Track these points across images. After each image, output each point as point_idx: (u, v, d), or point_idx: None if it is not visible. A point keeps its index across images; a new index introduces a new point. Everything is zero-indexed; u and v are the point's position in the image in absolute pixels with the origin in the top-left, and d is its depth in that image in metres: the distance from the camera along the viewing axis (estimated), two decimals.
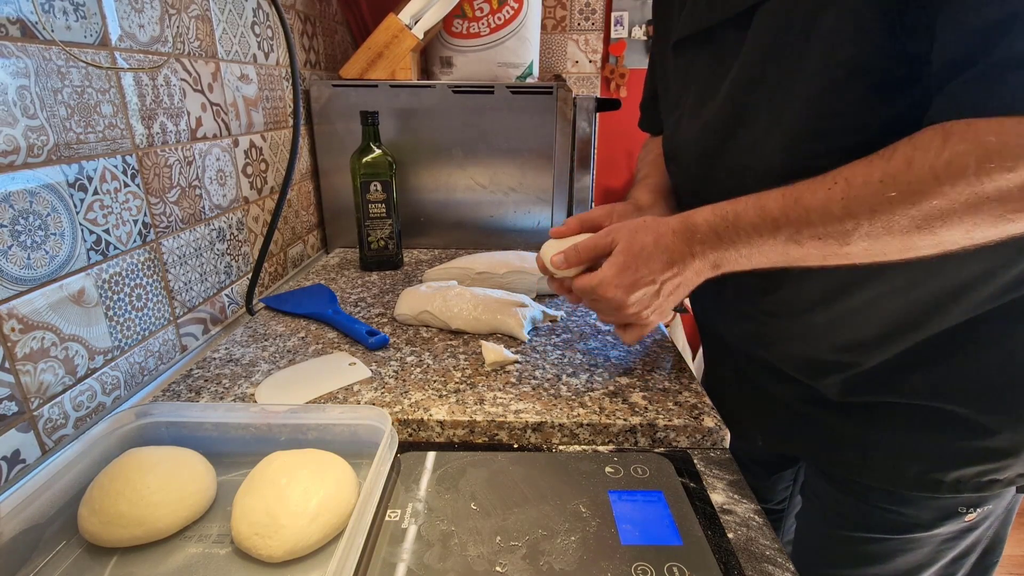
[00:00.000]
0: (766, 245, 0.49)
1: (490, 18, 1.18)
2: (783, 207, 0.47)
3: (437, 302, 0.77)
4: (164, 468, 0.47)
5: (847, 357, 0.57)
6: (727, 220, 0.51)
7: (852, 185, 0.44)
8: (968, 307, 0.52)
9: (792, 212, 0.47)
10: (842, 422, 0.60)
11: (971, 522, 0.59)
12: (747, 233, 0.49)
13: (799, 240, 0.47)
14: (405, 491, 0.49)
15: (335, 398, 0.60)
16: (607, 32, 2.09)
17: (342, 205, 1.16)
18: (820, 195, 0.45)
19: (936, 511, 0.59)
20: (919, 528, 0.60)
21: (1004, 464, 0.55)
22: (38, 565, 0.43)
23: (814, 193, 0.46)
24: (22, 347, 0.50)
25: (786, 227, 0.47)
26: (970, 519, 0.59)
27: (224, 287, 0.82)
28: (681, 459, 0.54)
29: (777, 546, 0.44)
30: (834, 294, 0.54)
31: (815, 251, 0.47)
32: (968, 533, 0.61)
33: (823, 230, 0.46)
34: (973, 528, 0.60)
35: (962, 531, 0.60)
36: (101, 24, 0.58)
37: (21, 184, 0.49)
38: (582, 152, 1.13)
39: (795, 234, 0.47)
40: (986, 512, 0.59)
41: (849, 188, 0.44)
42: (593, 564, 0.42)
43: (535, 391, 0.61)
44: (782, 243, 0.48)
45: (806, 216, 0.46)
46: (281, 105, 1.00)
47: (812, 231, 0.46)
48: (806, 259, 0.49)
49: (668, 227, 0.54)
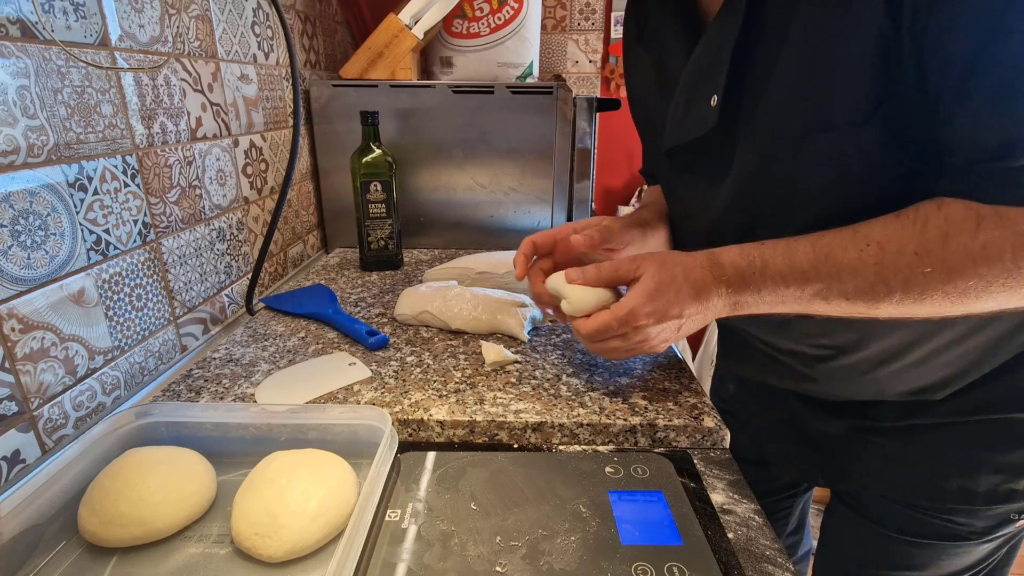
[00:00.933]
0: (791, 296, 0.48)
1: (490, 18, 1.18)
2: (813, 261, 0.46)
3: (437, 302, 0.77)
4: (164, 468, 0.47)
5: (910, 398, 0.57)
6: (754, 266, 0.49)
7: (886, 251, 0.43)
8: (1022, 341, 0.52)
9: (823, 268, 0.46)
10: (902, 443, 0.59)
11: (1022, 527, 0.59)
12: (774, 281, 0.48)
13: (827, 297, 0.47)
14: (405, 491, 0.49)
15: (335, 398, 0.60)
16: (607, 32, 2.09)
17: (342, 205, 1.16)
18: (852, 255, 0.45)
19: (992, 519, 0.58)
20: (974, 536, 0.59)
21: None
22: (38, 565, 0.43)
23: (845, 251, 0.45)
24: (22, 347, 0.50)
25: (815, 282, 0.47)
26: (1021, 525, 0.58)
27: (224, 287, 0.82)
28: (681, 459, 0.54)
29: (777, 546, 0.44)
30: (894, 355, 0.54)
31: (840, 308, 0.47)
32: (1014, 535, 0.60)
33: (853, 291, 0.45)
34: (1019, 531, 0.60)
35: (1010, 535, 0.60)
36: (101, 24, 0.58)
37: (21, 184, 0.49)
38: (582, 152, 1.13)
39: (824, 290, 0.46)
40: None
41: (883, 254, 0.44)
42: (593, 564, 0.42)
43: (535, 391, 0.61)
44: (808, 297, 0.48)
45: (837, 274, 0.45)
46: (281, 105, 1.00)
47: (842, 290, 0.46)
48: (829, 311, 0.48)
49: (696, 261, 0.52)
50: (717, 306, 0.52)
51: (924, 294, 0.43)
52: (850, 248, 0.45)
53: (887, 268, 0.43)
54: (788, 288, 0.48)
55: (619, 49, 2.08)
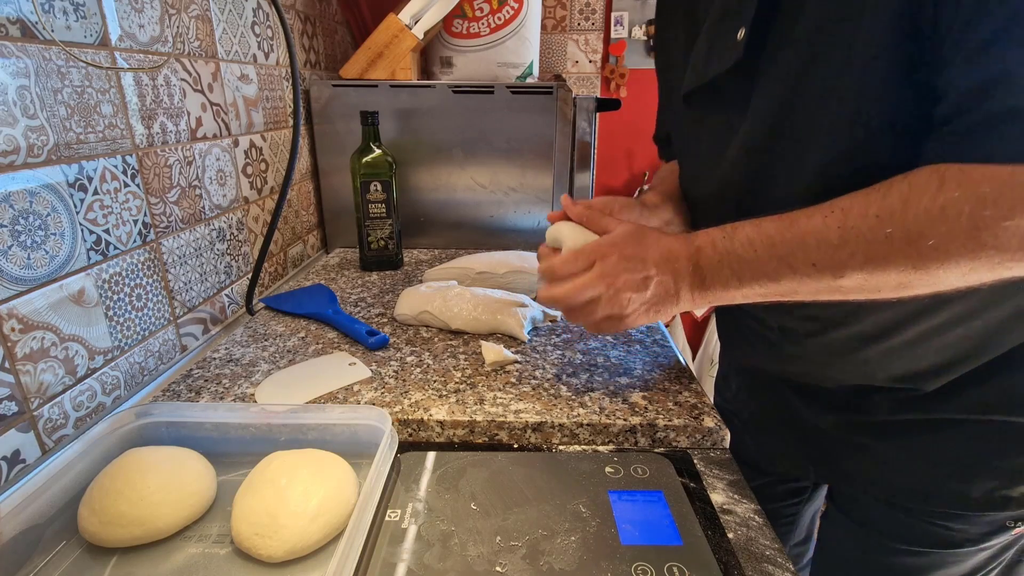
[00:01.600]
0: (760, 264, 0.48)
1: (490, 18, 1.18)
2: (779, 227, 0.47)
3: (437, 302, 0.77)
4: (164, 468, 0.47)
5: (902, 384, 0.56)
6: (724, 231, 0.51)
7: (849, 215, 0.44)
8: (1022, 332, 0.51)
9: (787, 233, 0.47)
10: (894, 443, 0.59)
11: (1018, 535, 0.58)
12: (741, 246, 0.49)
13: (793, 264, 0.47)
14: (405, 491, 0.49)
15: (335, 398, 0.60)
16: (607, 32, 2.09)
17: (342, 205, 1.16)
18: (816, 220, 0.45)
19: (985, 526, 0.57)
20: (968, 543, 0.58)
21: None
22: (38, 565, 0.43)
23: (810, 218, 0.46)
24: (22, 347, 0.50)
25: (781, 245, 0.47)
26: (1018, 532, 0.58)
27: (224, 287, 0.82)
28: (681, 459, 0.54)
29: (777, 546, 0.44)
30: (887, 330, 0.53)
31: (809, 282, 0.47)
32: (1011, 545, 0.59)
33: (817, 256, 0.45)
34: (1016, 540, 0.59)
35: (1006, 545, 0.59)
36: (101, 24, 0.58)
37: (21, 184, 0.49)
38: (582, 152, 1.13)
39: (789, 256, 0.47)
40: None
41: (846, 218, 0.44)
42: (593, 564, 0.42)
43: (535, 391, 0.61)
44: (775, 264, 0.47)
45: (802, 238, 0.46)
46: (281, 105, 1.00)
47: (806, 256, 0.46)
48: (798, 290, 0.48)
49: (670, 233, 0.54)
50: (686, 270, 0.52)
51: (888, 259, 0.43)
52: (815, 214, 0.46)
53: (849, 231, 0.44)
54: (756, 252, 0.48)
55: (619, 49, 2.08)
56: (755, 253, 0.48)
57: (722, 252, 0.50)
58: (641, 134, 2.15)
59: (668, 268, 0.52)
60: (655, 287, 0.52)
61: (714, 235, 0.51)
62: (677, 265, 0.52)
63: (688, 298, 0.53)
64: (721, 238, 0.50)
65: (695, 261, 0.51)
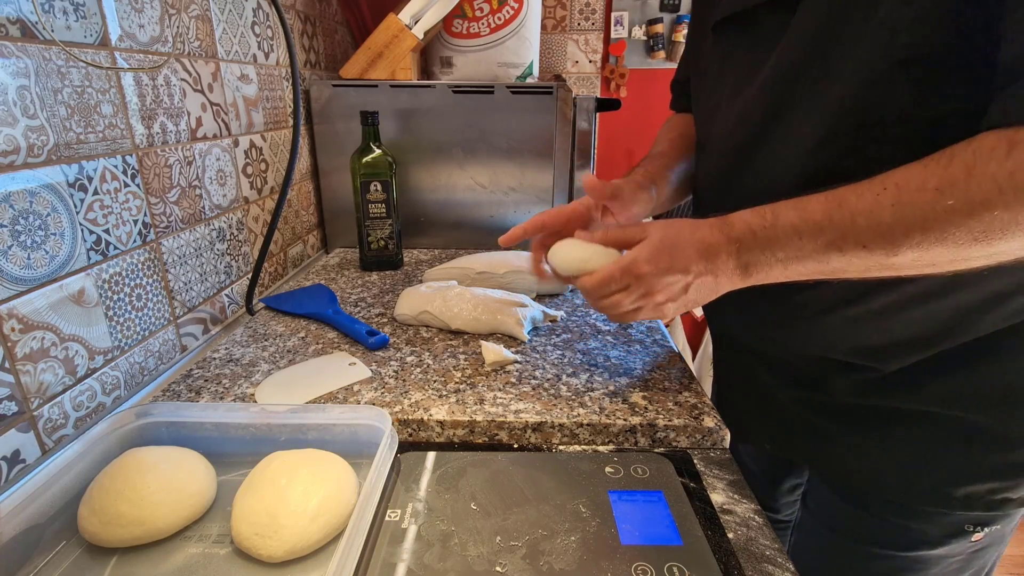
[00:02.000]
0: (805, 250, 0.46)
1: (490, 18, 1.18)
2: (827, 210, 0.45)
3: (437, 302, 0.77)
4: (164, 468, 0.47)
5: (863, 361, 0.55)
6: (765, 219, 0.48)
7: (904, 191, 0.41)
8: (1000, 318, 0.49)
9: (836, 216, 0.44)
10: (852, 430, 0.58)
11: (979, 543, 0.57)
12: (786, 235, 0.47)
13: (842, 247, 0.44)
14: (405, 491, 0.49)
15: (335, 398, 0.60)
16: (607, 32, 2.09)
17: (342, 205, 1.16)
18: (867, 199, 0.43)
19: (943, 527, 0.57)
20: (926, 545, 0.58)
21: (1019, 482, 0.53)
22: (38, 565, 0.43)
23: (860, 197, 0.43)
24: (22, 347, 0.50)
25: (829, 230, 0.45)
26: (977, 539, 0.57)
27: (224, 287, 0.82)
28: (681, 459, 0.54)
29: (777, 546, 0.44)
30: (853, 298, 0.52)
31: (858, 260, 0.45)
32: (978, 556, 0.59)
33: (869, 237, 0.43)
34: (982, 551, 0.58)
35: (971, 554, 0.58)
36: (101, 24, 0.58)
37: (21, 184, 0.49)
38: (582, 152, 1.13)
39: (838, 239, 0.44)
40: (994, 535, 0.57)
41: (900, 194, 0.41)
42: (593, 564, 0.42)
43: (535, 391, 0.61)
44: (822, 249, 0.45)
45: (851, 220, 0.44)
46: (281, 105, 1.00)
47: (857, 238, 0.44)
48: (847, 269, 0.46)
49: (705, 221, 0.51)
50: (728, 266, 0.50)
51: (946, 231, 0.40)
52: (866, 193, 0.43)
53: (905, 207, 0.41)
54: (801, 240, 0.46)
55: (619, 49, 2.08)
56: (800, 240, 0.46)
57: (764, 241, 0.48)
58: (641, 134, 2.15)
59: (708, 268, 0.51)
60: (695, 288, 0.52)
61: (753, 223, 0.49)
62: (717, 262, 0.50)
63: (729, 286, 0.52)
64: (762, 227, 0.48)
65: (736, 254, 0.50)
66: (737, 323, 0.66)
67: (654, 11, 2.06)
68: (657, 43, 2.07)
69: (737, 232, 0.49)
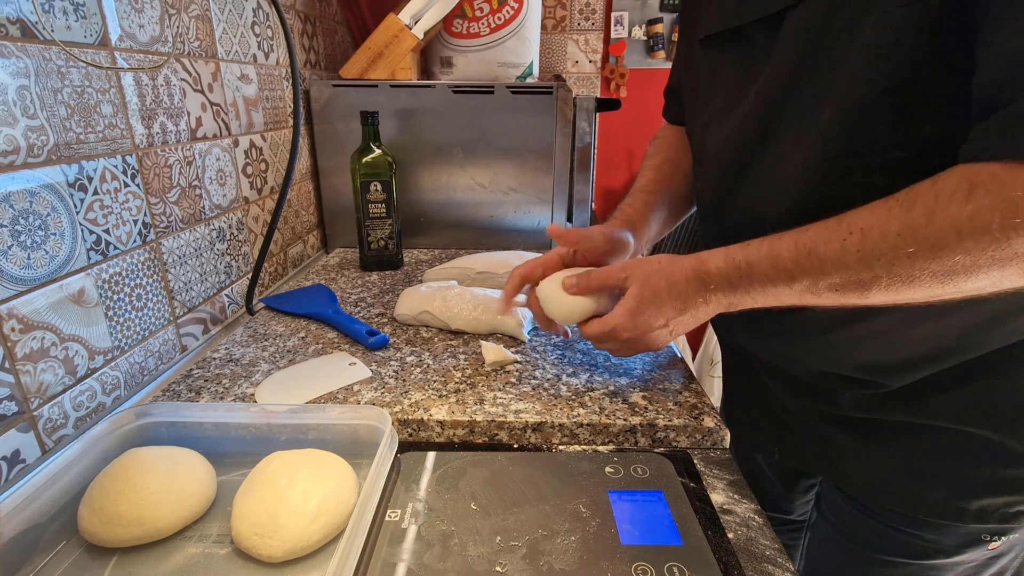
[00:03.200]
0: (781, 296, 0.48)
1: (490, 18, 1.18)
2: (796, 258, 0.46)
3: (437, 302, 0.77)
4: (164, 468, 0.47)
5: (868, 376, 0.55)
6: (740, 270, 0.49)
7: (868, 237, 0.42)
8: (1005, 335, 0.49)
9: (806, 263, 0.45)
10: (861, 442, 0.58)
11: (996, 550, 0.57)
12: (760, 283, 0.48)
13: (815, 291, 0.46)
14: (405, 491, 0.49)
15: (335, 398, 0.60)
16: (607, 32, 2.09)
17: (342, 205, 1.16)
18: (834, 246, 0.44)
19: (958, 538, 0.56)
20: (940, 554, 0.57)
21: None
22: (38, 565, 0.43)
23: (828, 243, 0.44)
24: (22, 347, 0.50)
25: (801, 278, 0.46)
26: (994, 547, 0.56)
27: (224, 287, 0.82)
28: (681, 459, 0.54)
29: (777, 546, 0.44)
30: (858, 315, 0.52)
31: (833, 301, 0.46)
32: (994, 562, 0.58)
33: (839, 281, 0.44)
34: (999, 556, 0.58)
35: (987, 560, 0.58)
36: (101, 24, 0.58)
37: (21, 184, 0.49)
38: (582, 152, 1.13)
39: (811, 285, 0.46)
40: (1012, 541, 0.57)
41: (865, 240, 0.42)
42: (593, 564, 0.42)
43: (535, 391, 0.61)
44: (798, 293, 0.47)
45: (820, 267, 0.45)
46: (281, 105, 1.00)
47: (828, 282, 0.45)
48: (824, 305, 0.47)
49: (682, 272, 0.53)
50: (707, 310, 0.54)
51: (911, 277, 0.41)
52: (833, 240, 0.44)
53: (869, 254, 0.42)
54: (776, 288, 0.48)
55: (619, 49, 2.08)
56: (775, 287, 0.48)
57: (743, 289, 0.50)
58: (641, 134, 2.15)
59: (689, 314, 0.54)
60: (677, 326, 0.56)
61: (728, 273, 0.50)
62: (697, 309, 0.54)
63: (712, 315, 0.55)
64: (737, 277, 0.50)
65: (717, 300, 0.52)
66: (742, 334, 0.66)
67: (654, 11, 2.06)
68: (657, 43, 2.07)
69: (715, 283, 0.52)
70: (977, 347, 0.50)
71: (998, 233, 0.37)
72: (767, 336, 0.61)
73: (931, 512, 0.56)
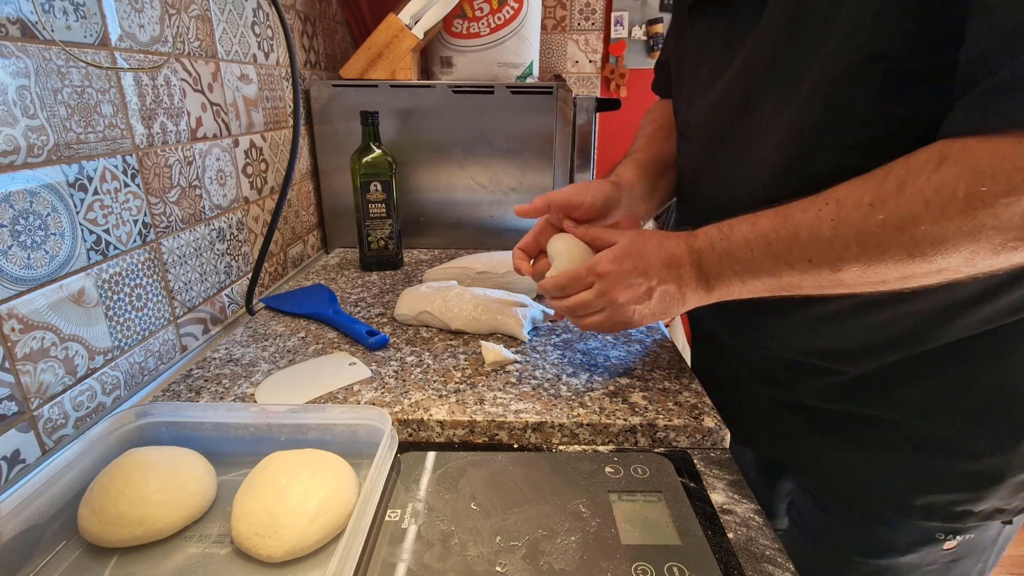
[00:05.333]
0: (757, 263, 0.47)
1: (490, 18, 1.18)
2: (774, 224, 0.46)
3: (437, 302, 0.77)
4: (164, 468, 0.47)
5: (826, 363, 0.55)
6: (722, 232, 0.49)
7: (843, 207, 0.42)
8: (962, 328, 0.49)
9: (782, 229, 0.45)
10: (819, 431, 0.58)
11: (952, 552, 0.56)
12: (739, 247, 0.48)
13: (790, 261, 0.46)
14: (405, 491, 0.49)
15: (335, 398, 0.60)
16: (607, 32, 2.09)
17: (342, 205, 1.16)
18: (811, 215, 0.44)
19: (910, 535, 0.56)
20: (894, 552, 0.57)
21: (980, 495, 0.53)
22: (38, 565, 0.43)
23: (804, 212, 0.44)
24: (22, 347, 0.50)
25: (776, 243, 0.46)
26: (950, 547, 0.56)
27: (224, 287, 0.82)
28: (681, 459, 0.54)
29: (777, 546, 0.44)
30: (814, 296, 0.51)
31: (809, 277, 0.46)
32: (953, 566, 0.57)
33: (813, 251, 0.44)
34: (958, 560, 0.57)
35: (947, 563, 0.57)
36: (101, 24, 0.58)
37: (21, 184, 0.49)
38: (582, 152, 1.13)
39: (785, 252, 0.45)
40: (971, 544, 0.56)
41: (839, 210, 0.42)
42: (593, 564, 0.42)
43: (535, 391, 0.61)
44: (772, 262, 0.47)
45: (796, 234, 0.45)
46: (281, 105, 1.00)
47: (802, 251, 0.45)
48: (802, 285, 0.47)
49: (673, 233, 0.54)
50: (690, 276, 0.52)
51: (881, 247, 0.41)
52: (809, 208, 0.44)
53: (842, 223, 0.42)
54: (753, 253, 0.47)
55: (619, 49, 2.08)
56: (752, 253, 0.47)
57: (721, 254, 0.50)
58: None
59: (671, 276, 0.52)
60: (659, 295, 0.53)
61: (712, 236, 0.50)
62: (680, 271, 0.52)
63: (695, 299, 0.53)
64: (719, 240, 0.50)
65: (697, 265, 0.51)
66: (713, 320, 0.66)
67: (654, 11, 2.06)
68: (657, 43, 2.07)
69: (698, 244, 0.51)
70: (931, 338, 0.50)
71: (963, 203, 0.36)
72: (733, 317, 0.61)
73: (878, 506, 0.56)
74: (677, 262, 0.52)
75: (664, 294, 0.53)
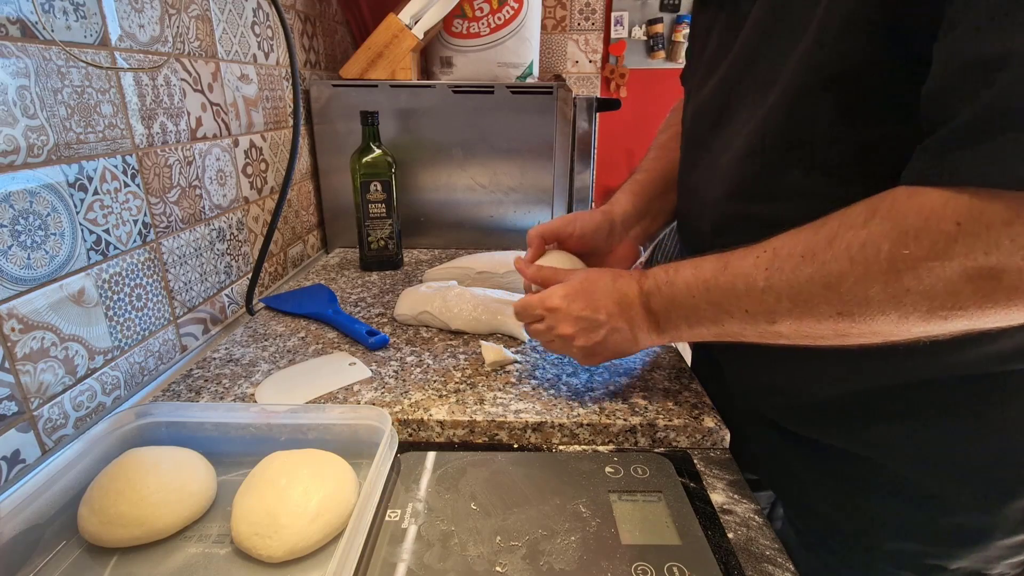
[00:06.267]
0: (699, 309, 0.46)
1: (490, 18, 1.18)
2: (715, 270, 0.44)
3: (437, 302, 0.77)
4: (164, 468, 0.47)
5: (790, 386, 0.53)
6: (668, 275, 0.48)
7: (777, 256, 0.40)
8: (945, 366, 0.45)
9: (722, 276, 0.43)
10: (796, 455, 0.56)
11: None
12: (682, 292, 0.47)
13: (729, 310, 0.44)
14: (405, 491, 0.49)
15: (335, 398, 0.60)
16: (607, 32, 2.09)
17: (342, 205, 1.16)
18: (748, 262, 0.42)
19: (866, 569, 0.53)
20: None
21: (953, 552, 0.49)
22: (38, 565, 0.43)
23: (743, 259, 0.42)
24: (22, 347, 0.50)
25: (715, 291, 0.44)
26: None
27: (224, 287, 0.82)
28: (681, 459, 0.54)
29: (777, 546, 0.44)
30: None
31: (748, 327, 0.43)
32: None
33: (748, 302, 0.42)
34: None
35: None
36: (101, 24, 0.58)
37: (21, 184, 0.50)
38: (582, 152, 1.13)
39: (723, 301, 0.44)
40: None
41: (773, 259, 0.40)
42: (593, 564, 0.42)
43: (535, 391, 0.61)
44: (713, 310, 0.45)
45: (733, 283, 0.43)
46: (281, 105, 1.00)
47: (738, 301, 0.43)
48: (743, 334, 0.45)
49: (629, 272, 0.53)
50: (640, 317, 0.51)
51: (810, 304, 0.38)
52: (748, 256, 0.42)
53: (775, 273, 0.40)
54: (694, 299, 0.46)
55: (619, 49, 2.08)
56: (694, 300, 0.46)
57: (667, 298, 0.49)
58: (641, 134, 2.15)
59: (622, 317, 0.52)
60: (612, 335, 0.53)
61: (660, 279, 0.49)
62: (631, 312, 0.51)
63: (647, 340, 0.53)
64: (665, 283, 0.49)
65: (647, 307, 0.51)
66: None
67: (654, 11, 2.06)
68: (657, 43, 2.07)
69: (648, 286, 0.50)
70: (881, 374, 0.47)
71: (886, 263, 0.34)
72: None
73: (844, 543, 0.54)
74: (628, 303, 0.51)
75: (615, 333, 0.53)
